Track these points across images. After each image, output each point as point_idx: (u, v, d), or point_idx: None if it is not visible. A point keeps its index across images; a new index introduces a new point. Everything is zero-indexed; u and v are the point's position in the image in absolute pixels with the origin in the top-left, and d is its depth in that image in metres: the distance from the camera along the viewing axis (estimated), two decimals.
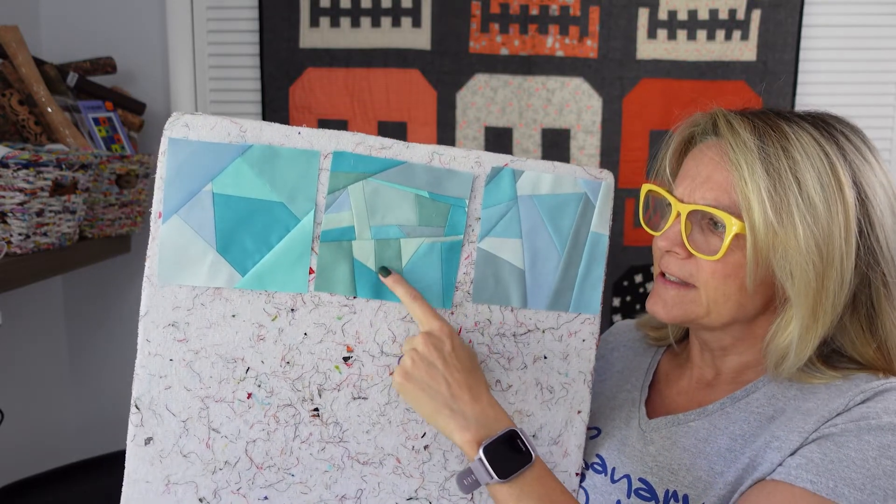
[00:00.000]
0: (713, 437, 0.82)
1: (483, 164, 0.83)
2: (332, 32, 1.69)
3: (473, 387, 0.76)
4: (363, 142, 0.80)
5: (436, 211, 0.82)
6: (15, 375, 1.57)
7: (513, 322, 0.85)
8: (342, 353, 0.82)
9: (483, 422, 0.74)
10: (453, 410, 0.75)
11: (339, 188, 0.80)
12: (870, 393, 0.76)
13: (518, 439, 0.74)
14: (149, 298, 0.78)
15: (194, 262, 0.78)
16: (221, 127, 0.78)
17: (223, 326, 0.80)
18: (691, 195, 0.82)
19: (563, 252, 0.85)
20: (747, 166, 0.78)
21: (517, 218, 0.83)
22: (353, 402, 0.82)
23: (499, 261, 0.84)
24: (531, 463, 0.73)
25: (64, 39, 1.69)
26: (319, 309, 0.81)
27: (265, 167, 0.78)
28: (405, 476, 0.84)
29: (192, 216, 0.78)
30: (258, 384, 0.81)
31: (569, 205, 0.84)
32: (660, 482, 0.83)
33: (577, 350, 0.87)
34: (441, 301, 0.83)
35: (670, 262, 0.83)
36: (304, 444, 0.82)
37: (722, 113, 0.83)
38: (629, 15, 1.67)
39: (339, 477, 0.83)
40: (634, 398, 0.94)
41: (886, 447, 0.71)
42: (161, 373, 0.79)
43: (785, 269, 0.77)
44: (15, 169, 1.08)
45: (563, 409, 0.87)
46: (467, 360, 0.78)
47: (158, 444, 0.80)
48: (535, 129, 1.71)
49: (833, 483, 0.70)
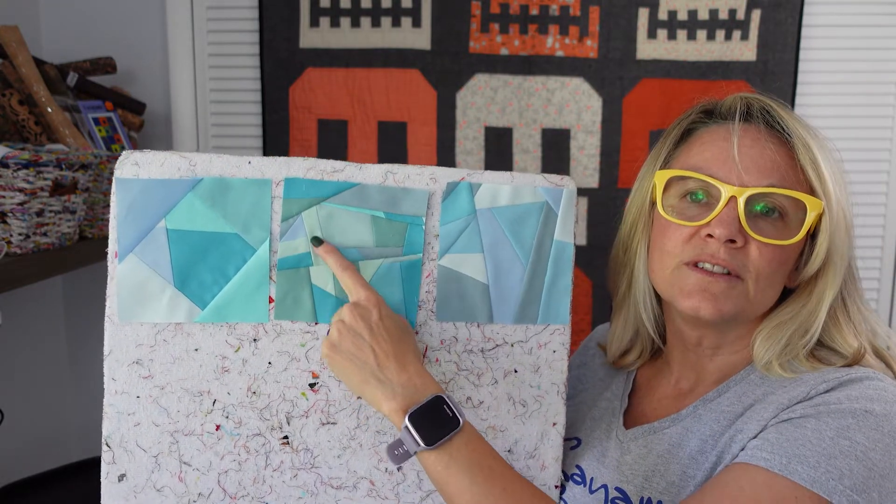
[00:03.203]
0: (685, 441, 0.82)
1: (438, 179, 0.82)
2: (332, 32, 1.69)
3: (400, 356, 0.75)
4: (314, 166, 0.81)
5: (392, 231, 0.82)
6: (15, 375, 1.56)
7: (480, 338, 0.84)
8: (308, 380, 0.82)
9: (410, 390, 0.73)
10: (380, 380, 0.74)
11: (293, 215, 0.80)
12: (833, 383, 0.75)
13: (445, 405, 0.73)
14: (111, 338, 0.80)
15: (153, 299, 0.79)
16: (171, 162, 0.79)
17: (187, 361, 0.80)
18: (742, 179, 0.78)
19: (527, 263, 0.84)
20: (815, 145, 0.78)
21: (477, 232, 0.83)
22: (322, 427, 0.82)
23: (461, 277, 0.83)
24: (458, 428, 0.72)
25: (64, 39, 1.69)
26: (282, 337, 0.81)
27: (217, 199, 0.79)
28: (380, 498, 0.84)
29: (147, 253, 0.79)
30: (226, 415, 0.81)
31: (530, 215, 0.83)
32: (635, 490, 0.82)
33: (549, 362, 0.86)
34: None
35: (721, 252, 0.78)
36: (276, 471, 0.82)
37: (750, 96, 0.83)
38: (629, 15, 1.67)
39: (314, 503, 0.83)
40: (614, 407, 0.93)
41: (846, 428, 0.70)
42: (129, 410, 0.80)
43: (841, 250, 0.79)
44: (15, 169, 1.08)
45: (538, 423, 0.86)
46: (395, 329, 0.77)
47: (132, 481, 0.80)
48: (535, 129, 1.71)
49: (786, 460, 0.69)
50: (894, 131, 1.72)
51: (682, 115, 0.88)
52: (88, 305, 1.75)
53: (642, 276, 0.90)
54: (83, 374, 1.78)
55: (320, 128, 1.72)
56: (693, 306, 0.79)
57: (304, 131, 1.72)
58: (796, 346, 0.80)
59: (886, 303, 1.77)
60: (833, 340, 0.81)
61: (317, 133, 1.72)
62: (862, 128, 1.72)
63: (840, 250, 0.78)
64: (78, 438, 1.78)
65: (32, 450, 1.61)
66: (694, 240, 0.80)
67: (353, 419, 0.83)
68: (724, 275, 0.78)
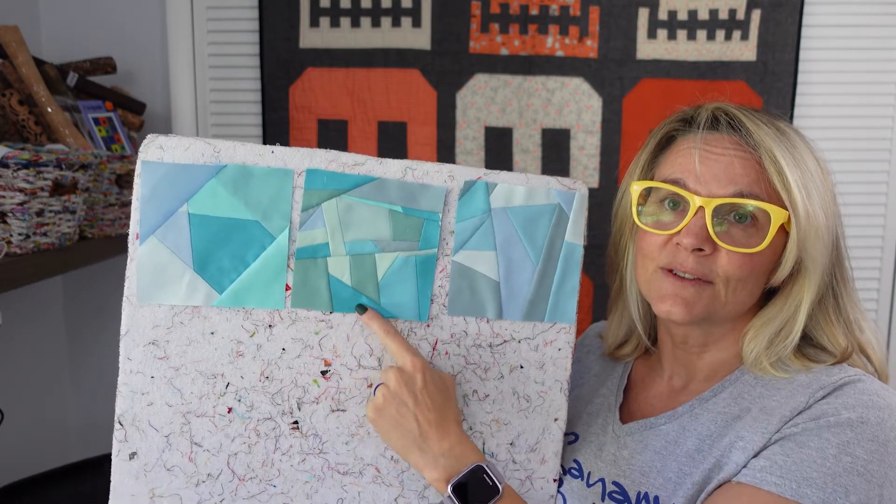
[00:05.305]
0: (682, 439, 0.83)
1: (456, 177, 0.84)
2: (332, 32, 1.69)
3: (442, 424, 0.78)
4: (336, 159, 0.82)
5: (409, 225, 0.83)
6: (15, 375, 1.56)
7: (489, 333, 0.86)
8: (320, 368, 0.83)
9: (451, 460, 0.77)
10: (422, 449, 0.78)
11: (313, 205, 0.81)
12: (829, 388, 0.77)
13: (485, 474, 0.76)
14: (129, 318, 0.81)
15: (172, 282, 0.80)
16: (196, 148, 0.79)
17: (202, 343, 0.81)
18: (710, 189, 0.80)
19: (538, 263, 0.86)
20: (780, 155, 0.79)
21: (491, 230, 0.84)
22: (331, 414, 0.84)
23: (474, 273, 0.85)
24: (498, 496, 0.75)
25: (64, 39, 1.69)
26: (297, 324, 0.82)
27: (239, 187, 0.80)
28: (385, 485, 0.85)
29: (168, 237, 0.79)
30: (238, 399, 0.82)
31: (543, 216, 0.85)
32: (632, 484, 0.84)
33: (553, 359, 0.88)
34: (417, 314, 0.84)
35: (688, 260, 0.81)
36: (285, 455, 0.84)
37: (723, 106, 0.85)
38: (629, 15, 1.67)
39: (320, 487, 0.84)
40: (610, 403, 0.95)
41: (846, 444, 0.73)
42: (143, 390, 0.81)
43: (813, 255, 0.80)
44: (15, 169, 1.08)
45: (540, 418, 0.88)
46: (438, 395, 0.79)
47: (142, 459, 0.82)
48: (535, 129, 1.71)
49: (796, 484, 0.72)
50: (894, 131, 1.72)
51: (661, 123, 0.90)
52: (88, 305, 1.75)
53: (630, 277, 0.94)
54: (83, 375, 1.79)
55: (320, 128, 1.72)
56: (666, 310, 0.83)
57: (304, 131, 1.72)
58: (781, 345, 0.82)
59: (886, 303, 1.77)
60: (823, 338, 0.83)
61: (317, 133, 1.72)
62: (862, 128, 1.73)
63: (813, 256, 0.80)
64: (78, 438, 1.78)
65: (32, 450, 1.61)
66: (668, 246, 0.83)
67: (361, 407, 0.84)
68: (693, 280, 0.81)
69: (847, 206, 0.89)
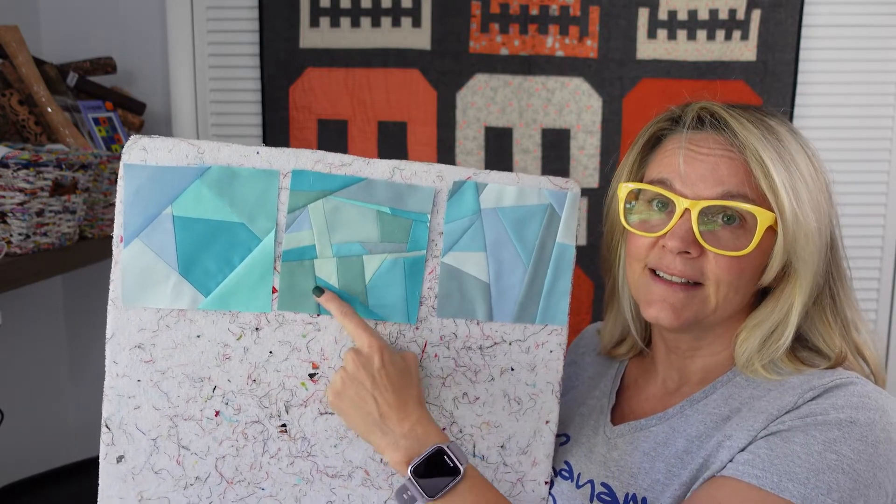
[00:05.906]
0: (671, 440, 0.83)
1: (445, 177, 0.83)
2: (332, 32, 1.69)
3: (402, 405, 0.76)
4: (322, 159, 0.81)
5: (397, 227, 0.82)
6: (15, 375, 1.56)
7: (479, 335, 0.85)
8: (308, 370, 0.83)
9: (412, 441, 0.75)
10: (383, 431, 0.76)
11: (299, 207, 0.80)
12: (819, 390, 0.76)
13: (445, 455, 0.74)
14: (114, 321, 0.80)
15: (157, 285, 0.79)
16: (179, 149, 0.79)
17: (189, 347, 0.81)
18: (696, 191, 0.79)
19: (529, 264, 0.84)
20: (767, 157, 0.77)
21: (481, 231, 0.83)
22: (319, 417, 0.83)
23: (463, 275, 0.84)
24: (458, 477, 0.73)
25: (64, 39, 1.69)
26: (284, 327, 0.82)
27: (224, 188, 0.79)
28: (374, 488, 0.85)
29: (153, 239, 0.79)
30: (226, 402, 0.82)
31: (534, 216, 0.84)
32: (620, 486, 0.83)
33: (545, 361, 0.87)
34: (406, 316, 0.83)
35: (675, 263, 0.80)
36: (273, 458, 0.83)
37: (709, 106, 0.83)
38: (629, 15, 1.67)
39: (309, 490, 0.84)
40: (602, 405, 0.94)
41: (832, 441, 0.71)
42: (129, 393, 0.81)
43: (803, 257, 0.78)
44: (15, 169, 1.08)
45: (532, 420, 0.88)
46: (397, 376, 0.78)
47: (130, 462, 0.81)
48: (535, 129, 1.71)
49: (777, 478, 0.71)
50: (894, 131, 1.72)
51: (648, 123, 0.88)
52: (88, 305, 1.76)
53: (622, 278, 0.92)
54: (83, 375, 1.79)
55: (320, 128, 1.72)
56: (654, 315, 0.82)
57: (304, 131, 1.72)
58: (773, 346, 0.81)
59: (886, 303, 1.77)
60: (818, 339, 0.82)
61: (317, 133, 1.72)
62: (862, 128, 1.72)
63: (803, 258, 0.78)
64: (78, 438, 1.78)
65: (32, 450, 1.61)
66: (655, 248, 0.82)
67: None
68: (682, 284, 0.80)
69: (847, 206, 0.88)
